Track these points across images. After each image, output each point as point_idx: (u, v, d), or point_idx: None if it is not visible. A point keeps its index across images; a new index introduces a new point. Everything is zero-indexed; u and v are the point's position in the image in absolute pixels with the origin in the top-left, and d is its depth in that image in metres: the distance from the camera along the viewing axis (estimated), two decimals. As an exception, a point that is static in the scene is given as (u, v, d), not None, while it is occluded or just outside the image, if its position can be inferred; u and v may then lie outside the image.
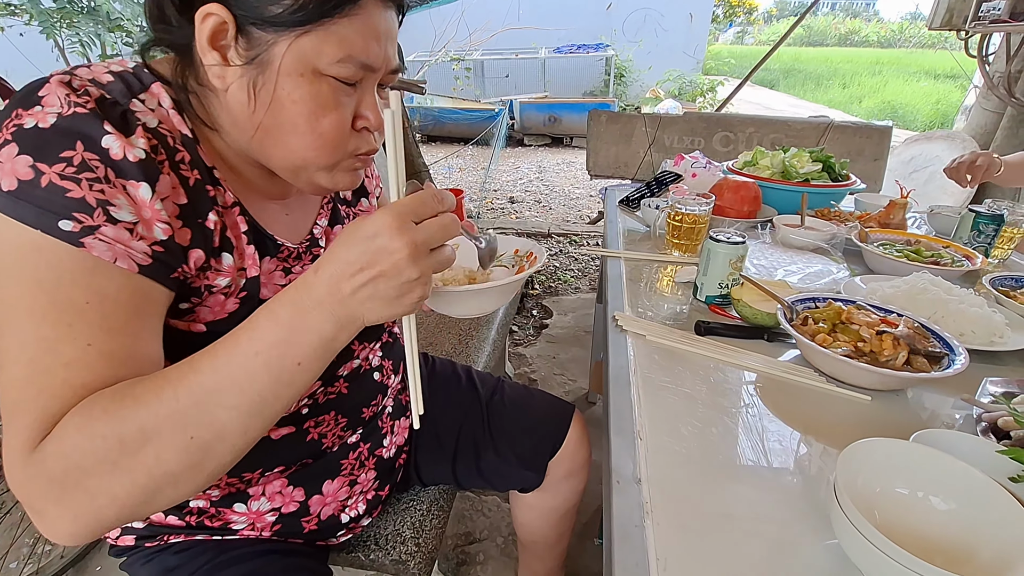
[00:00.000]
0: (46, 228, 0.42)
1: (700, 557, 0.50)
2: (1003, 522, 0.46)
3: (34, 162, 0.43)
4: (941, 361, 0.73)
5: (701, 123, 2.39)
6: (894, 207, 1.29)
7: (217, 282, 0.54)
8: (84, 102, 0.45)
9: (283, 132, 0.52)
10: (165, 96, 0.51)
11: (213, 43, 0.48)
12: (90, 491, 0.42)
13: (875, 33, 20.28)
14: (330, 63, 0.49)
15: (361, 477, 0.75)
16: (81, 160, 0.43)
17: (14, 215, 0.42)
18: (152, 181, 0.47)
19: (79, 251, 0.43)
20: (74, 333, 0.43)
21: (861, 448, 0.51)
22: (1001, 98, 2.54)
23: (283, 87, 0.49)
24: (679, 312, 0.97)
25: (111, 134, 0.45)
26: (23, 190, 0.42)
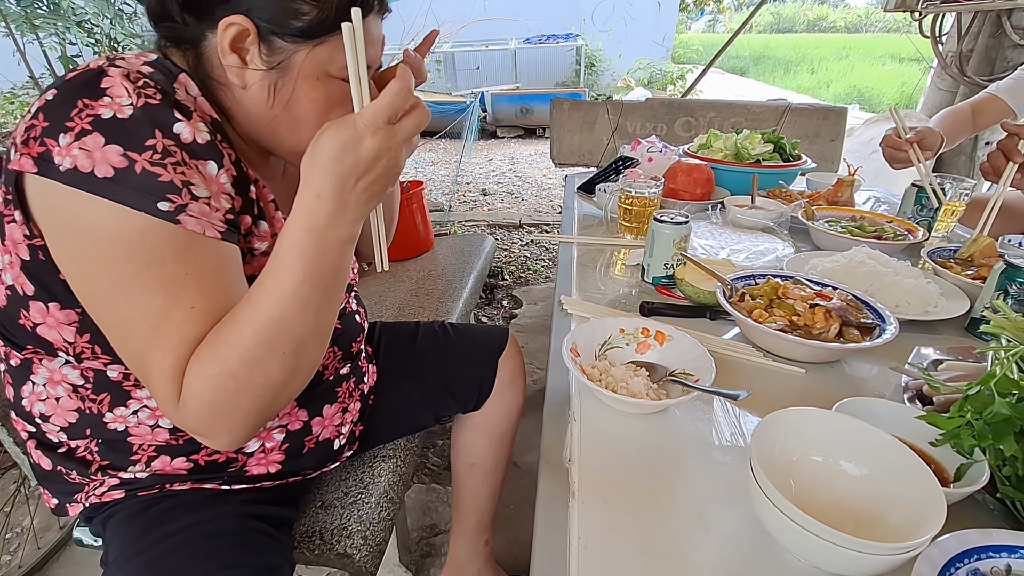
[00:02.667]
0: (149, 210, 0.48)
1: (621, 533, 0.50)
2: (911, 484, 0.46)
3: (125, 151, 0.48)
4: (873, 332, 0.74)
5: (663, 109, 2.39)
6: (842, 185, 1.30)
7: (258, 246, 0.62)
8: (152, 93, 0.50)
9: (296, 125, 0.60)
10: (192, 85, 0.57)
11: (233, 47, 0.54)
12: (229, 414, 0.52)
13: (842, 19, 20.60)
14: (340, 68, 0.56)
15: (351, 406, 0.83)
16: (163, 147, 0.49)
17: (118, 199, 0.48)
18: (218, 159, 0.54)
19: (176, 227, 0.50)
20: (180, 300, 0.51)
21: (778, 419, 0.51)
22: (954, 77, 2.59)
23: (301, 89, 0.57)
24: (627, 294, 0.97)
25: (180, 121, 0.51)
26: (121, 177, 0.48)
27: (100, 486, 0.66)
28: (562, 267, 1.08)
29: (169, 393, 0.51)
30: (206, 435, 0.53)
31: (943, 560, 0.40)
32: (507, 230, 3.63)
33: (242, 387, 0.51)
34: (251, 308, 0.51)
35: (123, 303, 0.51)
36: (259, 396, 0.52)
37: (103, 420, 0.63)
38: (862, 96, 8.63)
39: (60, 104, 0.49)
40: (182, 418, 0.52)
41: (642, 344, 0.74)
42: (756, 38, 17.93)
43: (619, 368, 0.68)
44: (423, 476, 1.54)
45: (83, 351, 0.60)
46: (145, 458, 0.66)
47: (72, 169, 0.47)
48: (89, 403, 0.63)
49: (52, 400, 0.63)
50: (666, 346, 0.73)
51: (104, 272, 0.50)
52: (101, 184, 0.47)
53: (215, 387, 0.50)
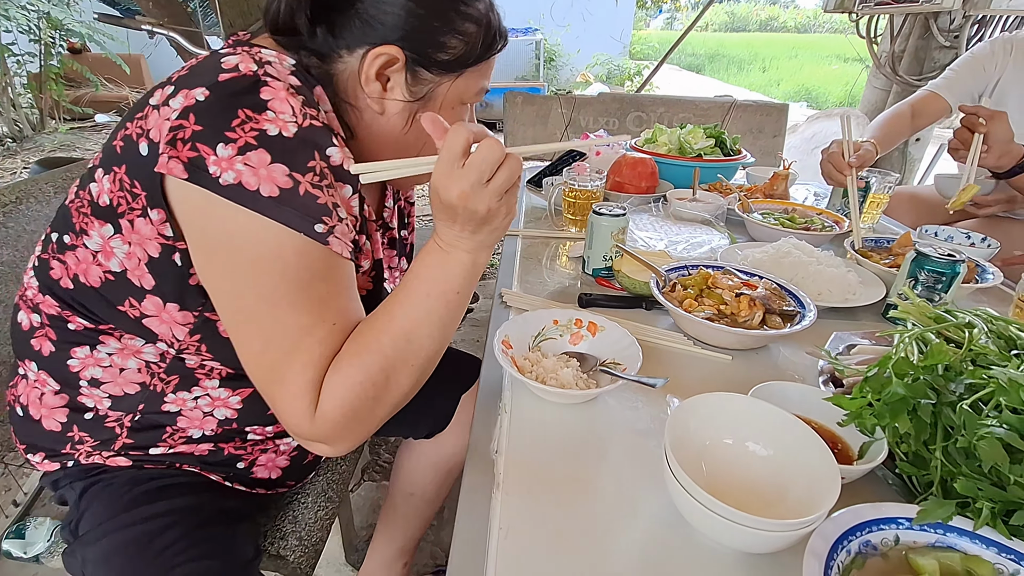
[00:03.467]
0: (308, 231, 0.49)
1: (543, 523, 0.50)
2: (811, 462, 0.48)
3: (290, 172, 0.49)
4: (795, 319, 0.77)
5: (615, 104, 2.42)
6: (777, 179, 1.35)
7: (363, 263, 0.66)
8: (315, 115, 0.51)
9: (419, 147, 0.62)
10: (326, 100, 0.58)
11: (379, 75, 0.56)
12: (364, 420, 0.54)
13: (792, 19, 21.35)
14: (472, 95, 0.61)
15: None
16: (320, 169, 0.51)
17: (283, 220, 0.48)
18: (354, 182, 0.55)
19: (326, 249, 0.51)
20: (324, 317, 0.52)
21: (691, 405, 0.52)
22: (887, 76, 2.72)
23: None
24: (567, 286, 0.98)
25: (335, 146, 0.52)
26: (285, 198, 0.48)
27: (112, 454, 0.65)
28: (505, 260, 1.08)
29: (306, 405, 0.52)
30: (333, 441, 0.54)
31: (837, 533, 0.42)
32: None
33: (380, 394, 0.53)
34: (388, 318, 0.54)
35: (269, 320, 0.51)
36: (390, 404, 0.55)
37: (163, 399, 0.64)
38: (810, 94, 8.98)
39: (217, 110, 0.48)
40: (315, 427, 0.52)
41: (575, 335, 0.75)
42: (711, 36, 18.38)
43: (550, 359, 0.69)
44: (373, 474, 1.52)
45: (187, 347, 0.61)
46: (170, 444, 0.65)
47: (236, 185, 0.47)
48: (156, 380, 0.63)
49: (115, 369, 0.63)
50: (598, 336, 0.74)
51: (255, 289, 0.51)
52: (266, 204, 0.48)
53: (357, 394, 0.52)
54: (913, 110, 1.52)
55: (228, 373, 0.64)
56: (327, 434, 0.53)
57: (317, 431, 0.53)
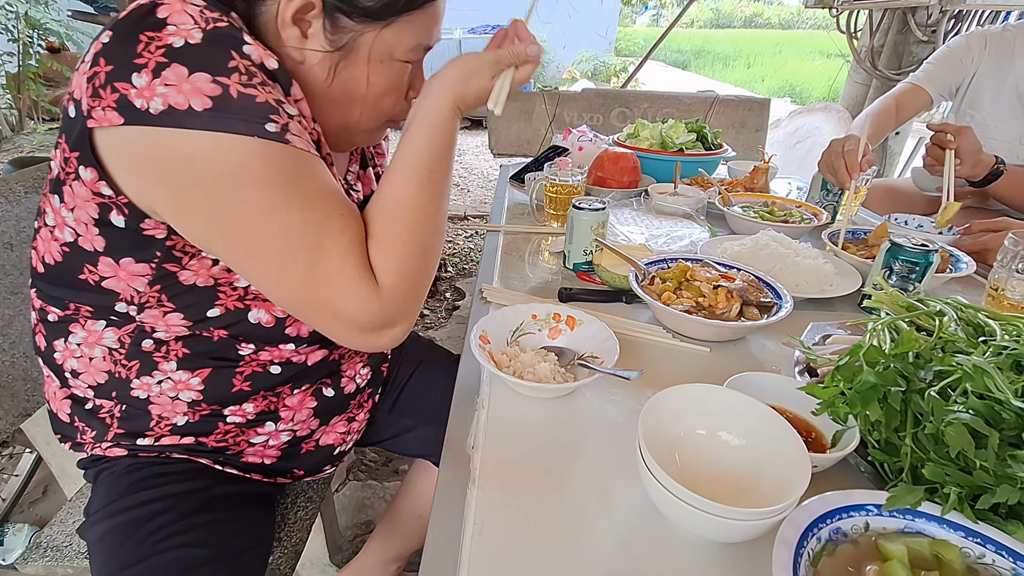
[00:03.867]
0: (260, 133, 0.46)
1: (518, 518, 0.50)
2: (782, 450, 0.48)
3: (214, 78, 0.45)
4: (772, 310, 0.78)
5: (599, 99, 2.42)
6: (757, 172, 1.36)
7: None
8: (217, 16, 0.47)
9: (348, 104, 0.59)
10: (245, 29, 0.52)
11: (295, 19, 0.52)
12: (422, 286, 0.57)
13: (776, 16, 21.52)
14: (405, 51, 0.57)
15: (359, 416, 0.81)
16: (244, 68, 0.47)
17: (226, 129, 0.45)
18: (286, 85, 0.52)
19: (288, 148, 0.48)
20: (328, 210, 0.51)
21: (665, 397, 0.52)
22: (867, 71, 2.75)
23: (362, 71, 0.57)
24: (548, 281, 0.98)
25: (249, 43, 0.48)
26: (220, 105, 0.45)
27: (109, 444, 0.66)
28: (486, 256, 1.08)
29: (366, 288, 0.51)
30: (404, 315, 0.55)
31: (807, 521, 0.42)
32: (452, 222, 3.60)
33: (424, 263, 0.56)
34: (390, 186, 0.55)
35: (276, 230, 0.49)
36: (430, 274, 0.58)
37: (130, 385, 0.63)
38: (793, 90, 9.06)
39: (120, 43, 0.45)
40: (386, 305, 0.53)
41: (553, 329, 0.75)
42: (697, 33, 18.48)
43: (528, 354, 0.69)
44: (359, 473, 1.51)
45: (148, 300, 0.59)
46: (157, 434, 0.65)
47: (167, 110, 0.44)
48: (120, 367, 0.63)
49: (85, 359, 0.63)
50: (576, 330, 0.74)
51: (242, 206, 0.48)
52: (205, 118, 0.44)
53: (409, 266, 0.54)
54: (897, 103, 1.53)
55: (184, 354, 0.62)
56: (400, 308, 0.54)
57: (388, 308, 0.53)
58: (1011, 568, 0.41)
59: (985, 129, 1.41)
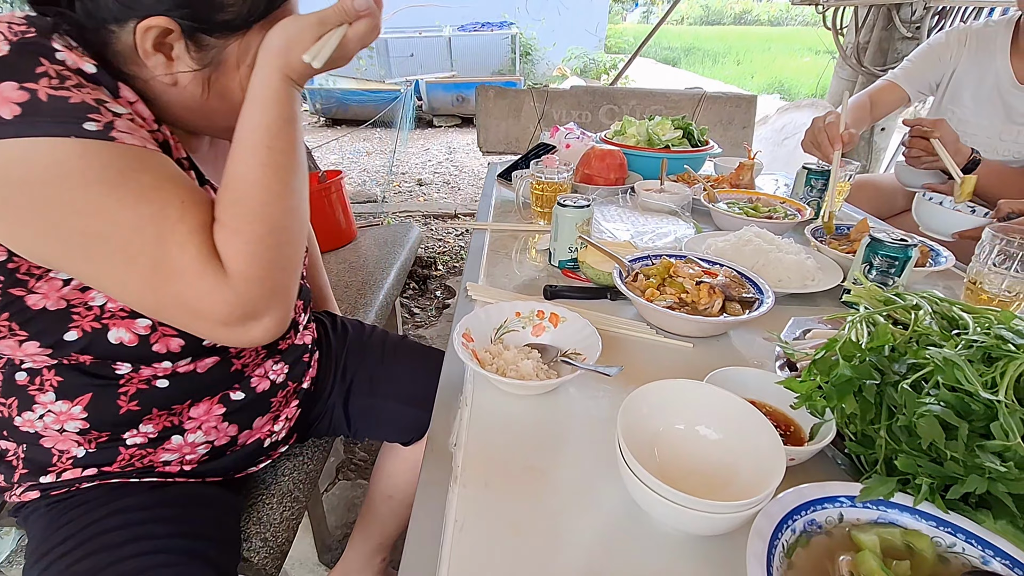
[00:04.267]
0: (77, 133, 0.45)
1: (499, 514, 0.50)
2: (760, 444, 0.49)
3: (20, 85, 0.44)
4: (754, 305, 0.78)
5: (587, 96, 2.42)
6: (743, 169, 1.37)
7: None
8: (25, 28, 0.46)
9: (231, 110, 0.57)
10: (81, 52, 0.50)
11: (156, 48, 0.52)
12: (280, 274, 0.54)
13: (765, 12, 21.61)
14: None
15: (284, 412, 0.80)
16: (55, 72, 0.46)
17: (40, 132, 0.44)
18: (112, 88, 0.50)
19: (115, 145, 0.47)
20: (166, 199, 0.49)
21: (643, 393, 0.53)
22: (853, 67, 2.77)
23: (234, 79, 0.56)
24: (534, 278, 0.98)
25: (61, 50, 0.47)
26: (30, 110, 0.44)
27: (20, 488, 0.65)
28: (472, 254, 1.08)
29: (212, 278, 0.49)
30: (264, 306, 0.53)
31: (782, 514, 0.43)
32: (442, 220, 3.59)
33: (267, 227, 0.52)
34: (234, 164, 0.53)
35: (109, 229, 0.47)
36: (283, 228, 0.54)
37: (14, 423, 0.62)
38: (782, 86, 9.10)
39: None
40: (238, 293, 0.50)
41: (537, 326, 0.75)
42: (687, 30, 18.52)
43: (511, 351, 0.69)
44: (348, 472, 1.50)
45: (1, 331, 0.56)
46: (59, 470, 0.64)
47: None
48: (1, 407, 0.61)
49: None
50: (560, 327, 0.74)
51: (69, 210, 0.46)
52: (15, 125, 0.43)
53: (248, 241, 0.51)
54: (872, 100, 1.55)
55: (59, 382, 0.60)
56: (257, 296, 0.51)
57: (242, 297, 0.50)
58: (980, 556, 0.42)
59: (965, 124, 1.42)
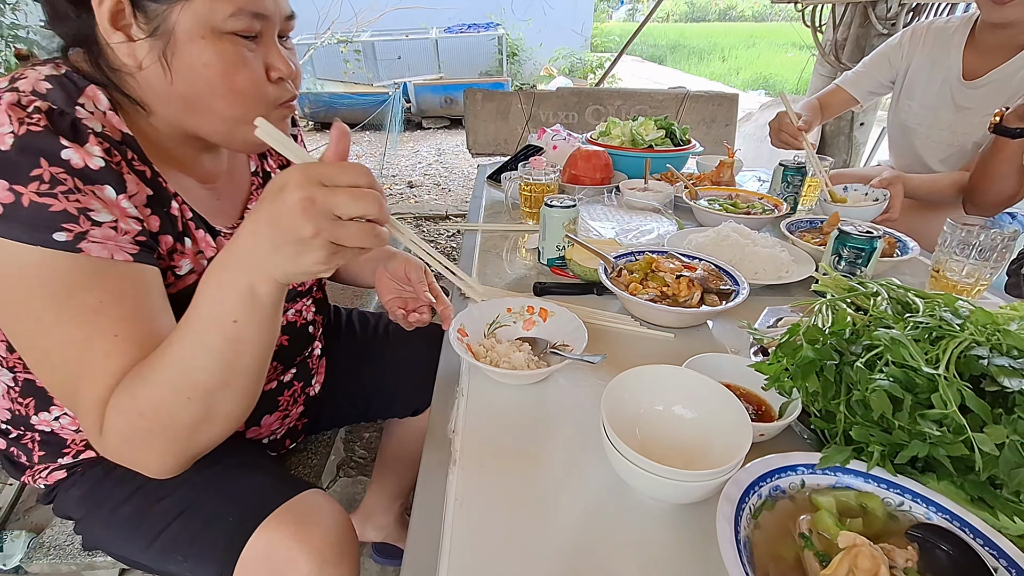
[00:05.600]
0: (44, 242, 0.47)
1: (496, 493, 0.55)
2: (729, 420, 0.54)
3: (10, 185, 0.46)
4: (730, 296, 0.83)
5: (573, 98, 2.48)
6: (723, 166, 1.42)
7: (181, 264, 0.60)
8: (36, 120, 0.48)
9: (205, 97, 0.55)
10: (101, 98, 0.54)
11: (115, 24, 0.51)
12: (144, 451, 0.52)
13: (750, 8, 21.77)
14: (224, 19, 0.52)
15: (293, 411, 0.84)
16: (50, 176, 0.47)
17: (10, 236, 0.46)
18: (116, 183, 0.52)
19: (79, 256, 0.48)
20: (101, 329, 0.49)
21: (624, 378, 0.58)
22: (831, 64, 2.84)
23: (190, 53, 0.53)
24: (524, 276, 1.03)
25: (68, 147, 0.49)
26: (9, 213, 0.46)
27: (45, 470, 0.69)
28: (464, 254, 1.12)
29: (93, 423, 0.51)
30: (129, 466, 0.53)
31: (749, 480, 0.47)
32: (434, 222, 3.63)
33: (152, 426, 0.50)
34: (166, 345, 0.49)
35: (42, 339, 0.50)
36: (169, 438, 0.51)
37: (31, 421, 0.65)
38: (767, 82, 9.21)
39: None
40: (103, 449, 0.52)
41: (527, 321, 0.79)
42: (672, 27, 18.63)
43: (504, 344, 0.73)
44: (349, 470, 1.54)
45: (15, 365, 0.61)
46: (74, 452, 0.68)
47: None
48: (18, 405, 0.64)
49: None
50: (548, 321, 0.78)
51: (15, 310, 0.49)
52: None
53: (127, 422, 0.50)
54: (821, 103, 1.66)
55: None
56: (117, 457, 0.52)
57: (106, 453, 0.52)
58: (924, 513, 0.47)
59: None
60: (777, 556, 0.44)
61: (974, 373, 0.50)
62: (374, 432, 1.68)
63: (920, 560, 0.43)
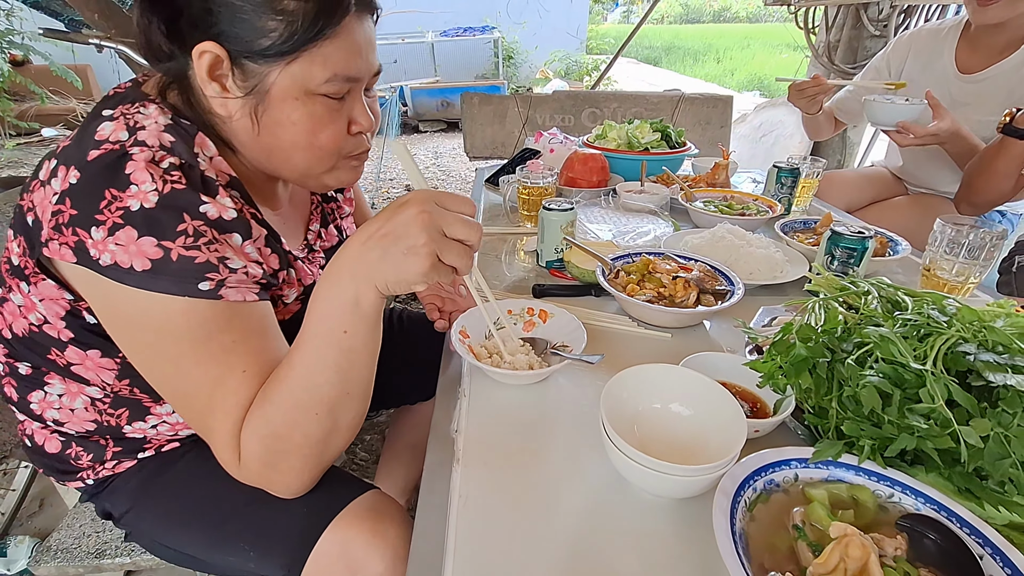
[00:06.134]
0: (191, 293, 0.51)
1: (499, 490, 0.56)
2: (725, 417, 0.56)
3: (159, 242, 0.50)
4: (726, 296, 0.85)
5: (569, 101, 2.50)
6: (718, 168, 1.44)
7: (288, 293, 0.67)
8: (176, 178, 0.52)
9: (288, 149, 0.59)
10: (209, 144, 0.58)
11: (211, 75, 0.55)
12: (283, 471, 0.56)
13: (744, 9, 21.87)
14: (319, 84, 0.56)
15: None
16: (194, 230, 0.51)
17: (159, 289, 0.50)
18: (244, 231, 0.56)
19: (219, 302, 0.52)
20: (232, 366, 0.54)
21: (623, 378, 0.59)
22: (824, 66, 2.87)
23: (281, 111, 0.56)
24: (523, 278, 1.04)
25: (207, 202, 0.53)
26: (158, 268, 0.50)
27: (111, 464, 0.70)
28: (464, 257, 1.13)
29: (231, 455, 0.54)
30: (268, 488, 0.57)
31: (744, 475, 0.49)
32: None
33: (288, 447, 0.55)
34: (287, 368, 0.54)
35: (179, 378, 0.54)
36: (305, 455, 0.56)
37: (121, 431, 0.67)
38: (762, 83, 9.26)
39: (86, 192, 0.50)
40: (244, 477, 0.55)
41: (528, 323, 0.81)
42: (667, 29, 18.71)
43: (505, 345, 0.75)
44: (351, 471, 1.55)
45: (121, 390, 0.64)
46: (155, 446, 0.71)
47: (113, 265, 0.49)
48: (107, 416, 0.66)
49: (66, 410, 0.65)
50: (548, 323, 0.80)
51: (157, 354, 0.54)
52: (141, 277, 0.50)
53: (267, 447, 0.54)
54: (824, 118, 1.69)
55: None
56: (256, 483, 0.56)
57: (248, 480, 0.56)
58: (913, 504, 0.48)
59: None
60: (772, 547, 0.45)
61: (961, 369, 0.52)
62: (375, 434, 1.69)
63: (909, 549, 0.44)
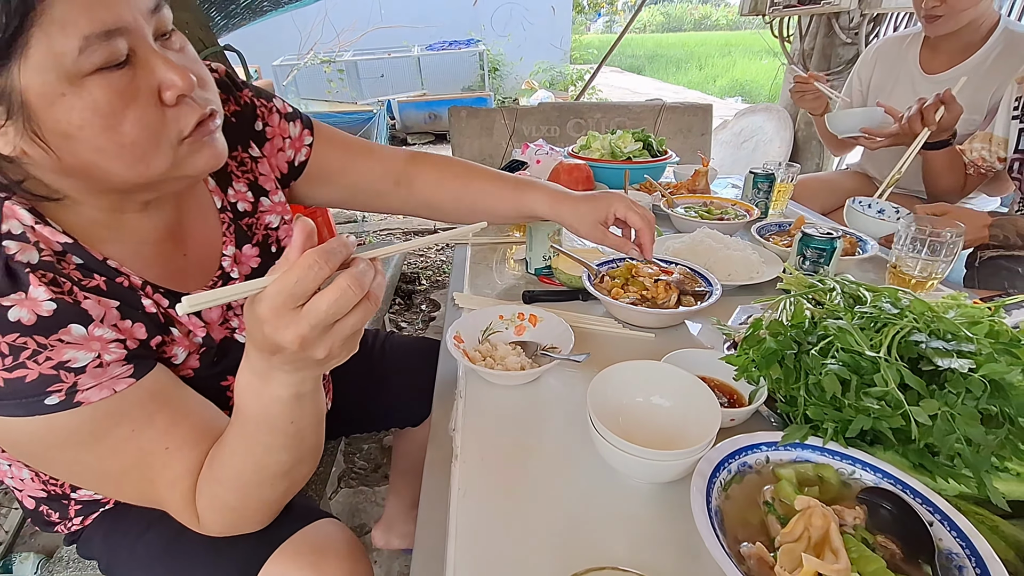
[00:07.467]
0: (41, 411, 0.44)
1: (495, 483, 0.61)
2: (701, 407, 0.60)
3: None
4: (705, 297, 0.90)
5: (555, 112, 2.56)
6: (698, 175, 1.50)
7: (176, 353, 0.57)
8: None
9: (97, 162, 0.45)
10: (20, 211, 0.47)
11: None
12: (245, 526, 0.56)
13: (724, 17, 22.27)
14: (75, 59, 0.40)
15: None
16: (8, 347, 0.43)
17: (6, 414, 0.44)
18: (78, 317, 0.46)
19: (81, 409, 0.46)
20: (147, 450, 0.50)
21: (607, 374, 0.64)
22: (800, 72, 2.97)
23: (56, 119, 0.42)
24: (514, 286, 1.09)
25: (11, 306, 0.43)
26: None
27: (79, 517, 0.68)
28: (456, 267, 1.18)
29: (190, 518, 0.54)
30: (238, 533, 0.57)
31: (719, 458, 0.54)
32: (423, 236, 3.69)
33: (246, 513, 0.55)
34: (230, 454, 0.50)
35: (98, 476, 0.51)
36: (265, 512, 0.57)
37: (70, 496, 0.66)
38: (743, 89, 9.44)
39: None
40: (209, 532, 0.55)
41: (519, 327, 0.85)
42: (649, 37, 19.01)
43: (497, 349, 0.79)
44: (350, 480, 1.58)
45: (49, 479, 0.63)
46: (114, 502, 0.69)
47: None
48: (52, 486, 0.64)
49: (19, 479, 0.64)
50: (538, 326, 0.85)
51: (60, 463, 0.50)
52: None
53: (222, 516, 0.54)
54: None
55: None
56: (223, 534, 0.56)
57: (212, 534, 0.55)
58: (873, 479, 0.53)
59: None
60: (745, 522, 0.50)
61: (912, 356, 0.57)
62: (373, 443, 1.72)
63: (867, 519, 0.49)
